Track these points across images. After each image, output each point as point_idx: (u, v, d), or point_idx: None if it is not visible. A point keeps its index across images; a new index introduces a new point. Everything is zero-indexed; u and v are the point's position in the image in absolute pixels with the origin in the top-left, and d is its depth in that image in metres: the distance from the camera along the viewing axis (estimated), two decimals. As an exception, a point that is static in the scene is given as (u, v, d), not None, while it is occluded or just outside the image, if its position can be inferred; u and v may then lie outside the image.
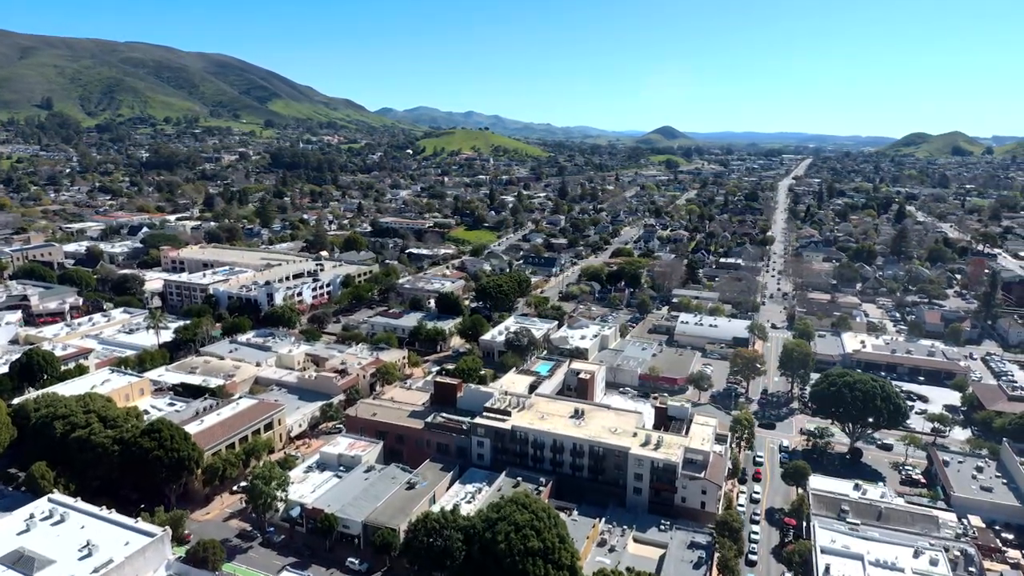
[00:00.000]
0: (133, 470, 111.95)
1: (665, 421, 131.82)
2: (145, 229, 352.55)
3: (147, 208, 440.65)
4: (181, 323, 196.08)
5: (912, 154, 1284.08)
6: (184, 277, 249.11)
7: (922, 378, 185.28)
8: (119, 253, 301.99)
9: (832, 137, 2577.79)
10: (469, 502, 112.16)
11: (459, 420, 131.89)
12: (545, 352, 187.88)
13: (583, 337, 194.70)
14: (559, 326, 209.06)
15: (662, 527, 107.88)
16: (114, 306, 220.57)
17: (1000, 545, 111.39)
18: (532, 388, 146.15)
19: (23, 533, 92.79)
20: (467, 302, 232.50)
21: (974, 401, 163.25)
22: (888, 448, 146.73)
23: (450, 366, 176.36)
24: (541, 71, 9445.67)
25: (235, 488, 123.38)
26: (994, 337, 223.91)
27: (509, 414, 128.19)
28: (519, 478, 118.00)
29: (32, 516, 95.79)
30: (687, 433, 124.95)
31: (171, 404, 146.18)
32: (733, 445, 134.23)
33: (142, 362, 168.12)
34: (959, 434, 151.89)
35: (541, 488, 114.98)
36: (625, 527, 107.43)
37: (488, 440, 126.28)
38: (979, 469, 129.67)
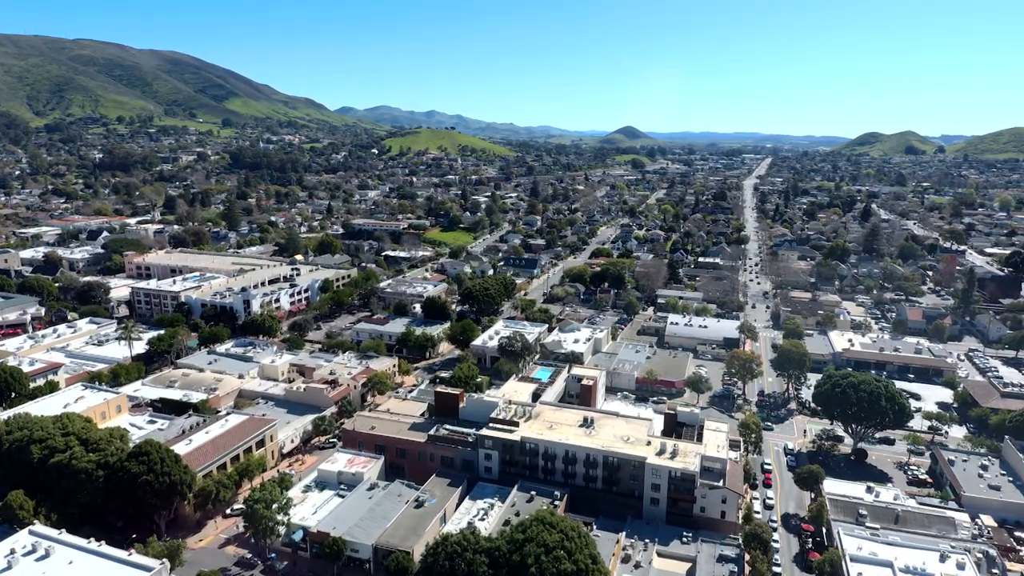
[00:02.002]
0: (119, 496, 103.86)
1: (675, 427, 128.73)
2: (105, 233, 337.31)
3: (105, 211, 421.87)
4: (154, 333, 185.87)
5: (867, 153, 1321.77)
6: (153, 284, 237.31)
7: (911, 376, 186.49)
8: (79, 259, 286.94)
9: (787, 137, 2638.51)
10: (482, 519, 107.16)
11: (464, 432, 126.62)
12: (538, 357, 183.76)
13: (576, 341, 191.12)
14: (549, 329, 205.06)
15: (684, 539, 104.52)
16: (79, 316, 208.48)
17: (1015, 544, 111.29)
18: (535, 396, 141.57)
19: (5, 571, 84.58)
20: (453, 306, 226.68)
21: (967, 398, 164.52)
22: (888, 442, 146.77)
23: (444, 374, 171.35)
24: (502, 70, 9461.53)
25: (229, 511, 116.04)
26: (974, 333, 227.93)
27: (517, 424, 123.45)
28: (533, 492, 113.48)
29: (13, 552, 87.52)
30: (700, 440, 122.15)
31: (151, 422, 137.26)
32: (744, 451, 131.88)
33: (116, 376, 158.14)
34: (954, 432, 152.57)
35: (557, 502, 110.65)
36: (647, 541, 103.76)
37: (496, 452, 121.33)
38: (984, 468, 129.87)
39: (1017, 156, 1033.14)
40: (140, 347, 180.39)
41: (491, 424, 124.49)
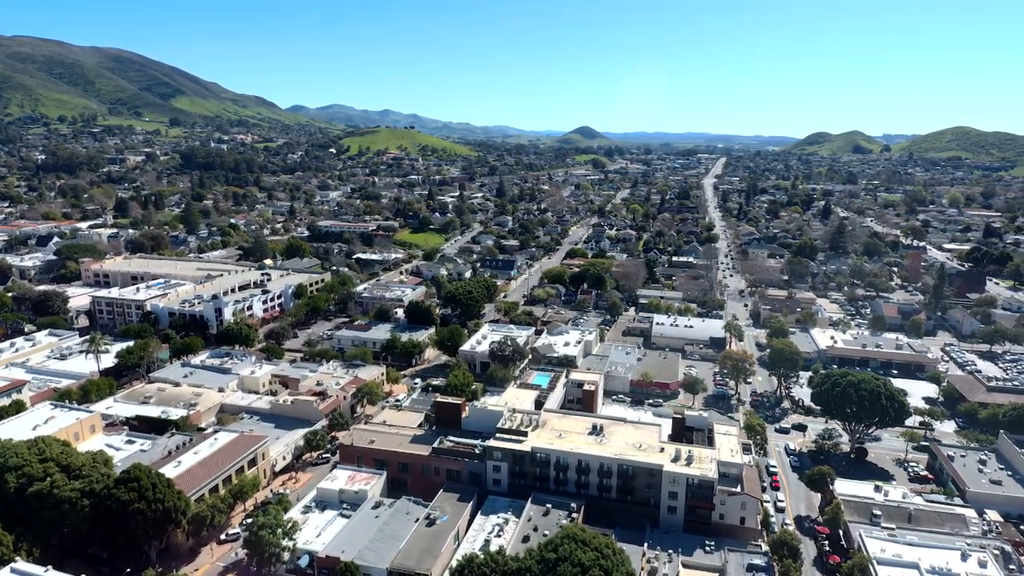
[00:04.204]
0: (108, 527, 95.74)
1: (683, 432, 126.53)
2: (56, 239, 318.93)
3: (53, 215, 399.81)
4: (122, 345, 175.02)
5: (816, 152, 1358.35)
6: (115, 293, 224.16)
7: (895, 371, 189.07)
8: (31, 267, 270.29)
9: (737, 137, 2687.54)
10: (498, 536, 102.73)
11: (469, 443, 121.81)
12: (528, 360, 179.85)
13: (567, 344, 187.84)
14: (536, 332, 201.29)
15: (707, 548, 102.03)
16: (37, 328, 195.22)
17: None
18: (538, 404, 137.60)
19: (-13, 620, 76.32)
20: (436, 310, 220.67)
21: (954, 393, 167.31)
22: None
23: (435, 381, 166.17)
24: (457, 69, 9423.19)
25: (224, 536, 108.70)
26: (946, 328, 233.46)
27: (526, 434, 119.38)
28: (548, 505, 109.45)
29: (-5, 596, 79.22)
30: (711, 444, 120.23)
31: (130, 442, 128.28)
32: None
33: (86, 393, 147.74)
34: (943, 427, 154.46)
35: (574, 515, 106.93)
36: (670, 551, 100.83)
37: (505, 464, 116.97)
38: (982, 462, 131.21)
39: (959, 154, 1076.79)
40: (107, 360, 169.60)
41: (498, 435, 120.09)
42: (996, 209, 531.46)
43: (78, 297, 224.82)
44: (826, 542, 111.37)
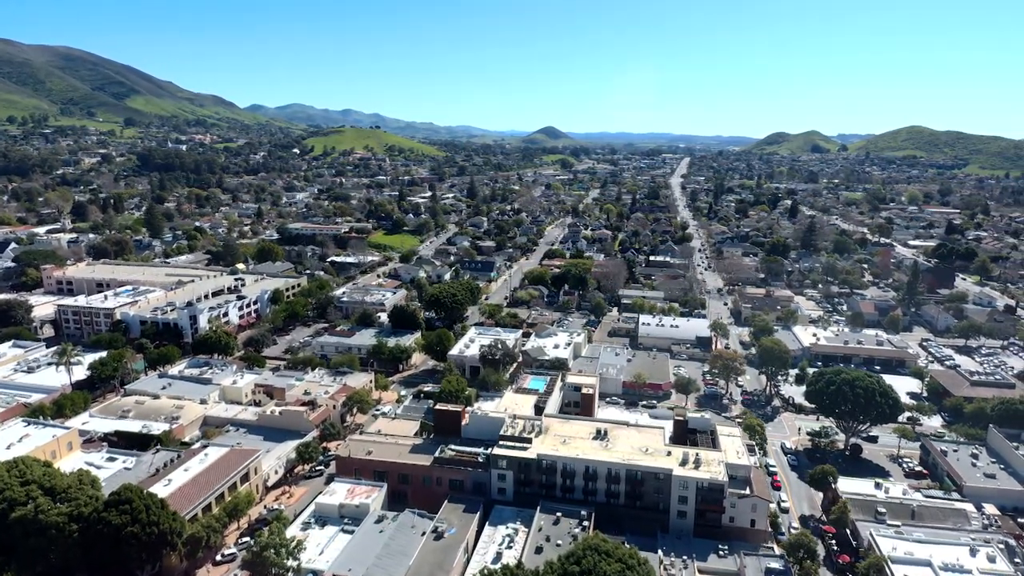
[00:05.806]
0: (97, 552, 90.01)
1: (685, 434, 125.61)
2: (13, 245, 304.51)
3: (7, 220, 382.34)
4: (94, 356, 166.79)
5: (776, 152, 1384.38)
6: (82, 300, 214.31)
7: (877, 367, 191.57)
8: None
9: (698, 137, 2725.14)
10: (509, 547, 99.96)
11: (471, 452, 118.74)
12: (518, 364, 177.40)
13: (556, 346, 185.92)
14: (524, 335, 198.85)
15: (720, 552, 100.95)
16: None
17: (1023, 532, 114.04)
18: (538, 409, 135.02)
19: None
20: (421, 313, 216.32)
21: (938, 388, 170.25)
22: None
23: (427, 388, 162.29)
24: (421, 69, 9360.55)
25: (219, 557, 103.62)
26: (921, 323, 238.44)
27: (530, 441, 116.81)
28: (558, 513, 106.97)
29: (-19, 635, 73.31)
30: (715, 445, 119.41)
31: (111, 459, 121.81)
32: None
33: (60, 408, 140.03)
34: (930, 422, 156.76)
35: (585, 523, 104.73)
36: (685, 557, 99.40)
37: (510, 472, 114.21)
38: (975, 456, 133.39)
39: (914, 153, 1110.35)
40: (79, 372, 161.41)
41: (501, 442, 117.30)
42: (953, 206, 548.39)
43: (42, 306, 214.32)
44: (833, 541, 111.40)
